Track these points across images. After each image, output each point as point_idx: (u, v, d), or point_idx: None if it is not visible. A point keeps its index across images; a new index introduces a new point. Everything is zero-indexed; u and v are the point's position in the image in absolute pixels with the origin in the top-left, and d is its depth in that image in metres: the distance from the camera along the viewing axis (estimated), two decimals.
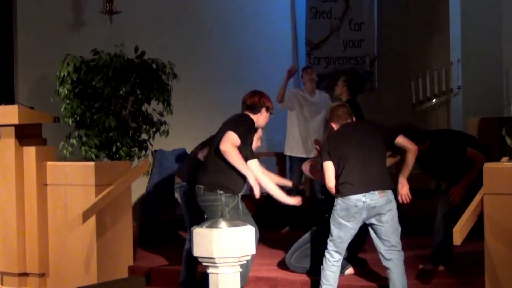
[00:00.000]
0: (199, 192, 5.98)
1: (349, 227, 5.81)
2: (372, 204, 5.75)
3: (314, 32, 11.90)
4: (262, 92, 6.20)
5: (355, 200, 5.75)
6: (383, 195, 5.76)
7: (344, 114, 6.18)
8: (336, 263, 5.89)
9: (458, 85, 11.06)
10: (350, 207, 5.76)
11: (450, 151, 6.51)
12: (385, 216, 5.78)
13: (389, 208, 5.80)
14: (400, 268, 5.81)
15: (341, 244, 5.87)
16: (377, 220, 5.79)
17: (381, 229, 5.80)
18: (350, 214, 5.77)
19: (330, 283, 5.90)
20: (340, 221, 5.81)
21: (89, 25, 9.03)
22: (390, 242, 5.80)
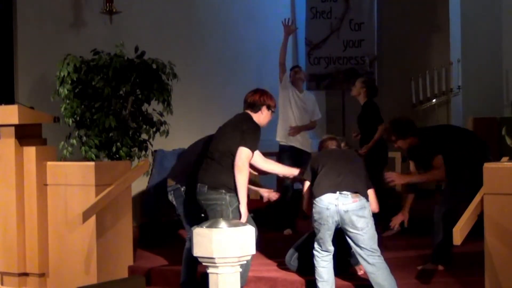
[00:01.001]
0: (202, 190, 5.98)
1: (325, 229, 5.87)
2: (344, 209, 5.76)
3: (314, 32, 11.90)
4: (263, 90, 6.20)
5: (327, 202, 5.79)
6: (356, 200, 5.78)
7: (331, 144, 6.35)
8: (325, 258, 5.95)
9: (458, 85, 11.07)
10: (322, 210, 5.81)
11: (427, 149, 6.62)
12: (359, 223, 5.78)
13: (362, 214, 5.80)
14: (383, 270, 5.81)
15: (324, 243, 5.93)
16: (351, 227, 5.79)
17: (357, 237, 5.81)
18: (323, 217, 5.83)
19: (324, 279, 5.93)
20: (318, 223, 5.88)
21: (89, 25, 9.03)
22: (367, 249, 5.81)
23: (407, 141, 6.68)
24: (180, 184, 6.58)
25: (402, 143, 6.73)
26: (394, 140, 6.76)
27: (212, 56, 10.61)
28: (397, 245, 7.55)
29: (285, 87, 8.81)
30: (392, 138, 6.78)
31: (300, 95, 8.90)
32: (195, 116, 10.02)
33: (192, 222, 6.37)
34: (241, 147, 5.89)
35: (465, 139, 6.71)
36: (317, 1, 11.91)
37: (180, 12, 10.21)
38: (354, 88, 8.73)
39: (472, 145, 6.61)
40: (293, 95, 8.80)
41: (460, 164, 6.48)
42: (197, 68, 10.24)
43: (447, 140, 6.66)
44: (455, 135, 6.81)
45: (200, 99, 10.23)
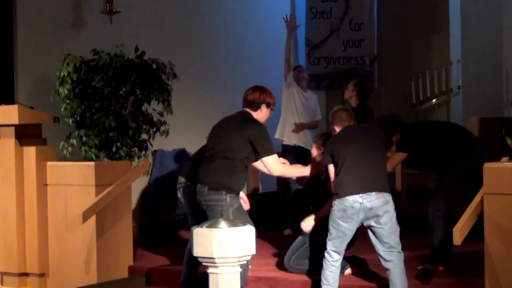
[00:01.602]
0: (202, 191, 5.96)
1: (347, 228, 5.82)
2: (369, 206, 5.75)
3: (314, 32, 11.90)
4: (263, 88, 6.17)
5: (352, 201, 5.75)
6: (380, 196, 5.77)
7: (347, 117, 6.20)
8: (335, 263, 5.89)
9: (458, 85, 11.06)
10: (347, 208, 5.77)
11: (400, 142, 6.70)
12: (383, 218, 5.78)
13: (386, 209, 5.79)
14: (400, 269, 5.81)
15: (340, 244, 5.88)
16: (375, 222, 5.79)
17: (380, 231, 5.80)
18: (347, 215, 5.78)
19: (330, 283, 5.90)
20: (338, 222, 5.82)
21: (89, 25, 9.03)
22: (389, 244, 5.81)
23: (395, 138, 6.71)
24: (191, 183, 6.55)
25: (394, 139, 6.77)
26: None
27: (212, 56, 10.61)
28: None
29: (290, 84, 8.83)
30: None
31: (304, 94, 8.93)
32: (195, 116, 10.02)
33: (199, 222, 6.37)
34: (265, 159, 5.95)
35: (448, 134, 6.70)
36: (317, 1, 11.90)
37: (180, 12, 10.21)
38: (347, 91, 8.75)
39: (458, 139, 6.61)
40: (298, 93, 8.83)
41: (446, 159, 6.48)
42: (197, 68, 10.24)
43: (432, 136, 6.67)
44: (438, 130, 6.81)
45: (200, 99, 10.23)
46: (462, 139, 6.63)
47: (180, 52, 9.75)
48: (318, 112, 9.07)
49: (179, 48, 9.93)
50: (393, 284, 5.80)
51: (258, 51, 11.29)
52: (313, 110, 8.99)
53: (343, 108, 6.39)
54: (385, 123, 6.73)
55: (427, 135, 6.69)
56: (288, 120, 8.85)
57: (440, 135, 6.69)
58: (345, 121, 6.17)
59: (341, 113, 6.24)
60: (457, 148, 6.51)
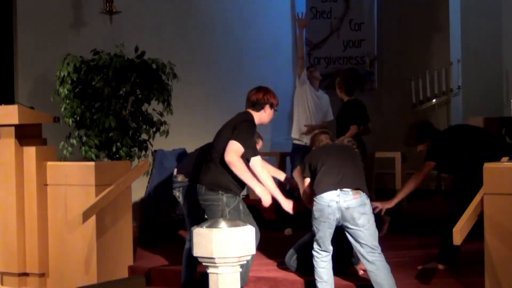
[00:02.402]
0: (200, 191, 5.98)
1: (325, 227, 5.86)
2: (345, 205, 5.76)
3: (314, 32, 11.90)
4: (267, 88, 6.17)
5: (328, 200, 5.78)
6: (357, 196, 5.79)
7: (325, 138, 6.34)
8: (324, 259, 5.94)
9: (458, 85, 11.06)
10: (323, 208, 5.80)
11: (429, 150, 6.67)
12: (360, 219, 5.78)
13: (363, 211, 5.80)
14: (383, 269, 5.80)
15: (323, 243, 5.92)
16: (352, 224, 5.79)
17: (357, 233, 5.81)
18: (324, 214, 5.82)
19: (324, 279, 5.93)
20: (318, 222, 5.87)
21: (89, 25, 9.03)
22: (368, 246, 5.81)
23: (426, 144, 6.75)
24: (191, 182, 6.54)
25: (422, 147, 6.81)
26: (414, 145, 6.84)
27: (212, 56, 10.61)
28: (397, 245, 7.55)
29: (303, 83, 8.84)
30: (412, 143, 6.86)
31: (317, 93, 8.94)
32: (195, 116, 10.02)
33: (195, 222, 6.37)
34: (231, 141, 5.81)
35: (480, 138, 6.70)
36: (317, 1, 11.91)
37: (180, 12, 10.21)
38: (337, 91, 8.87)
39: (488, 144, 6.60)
40: (310, 92, 8.84)
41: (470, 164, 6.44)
42: (197, 68, 10.24)
43: (457, 140, 6.67)
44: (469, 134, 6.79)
45: (200, 99, 10.23)
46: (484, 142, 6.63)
47: (180, 52, 9.75)
48: (329, 112, 9.07)
49: (179, 48, 9.93)
50: (379, 285, 5.79)
51: (258, 51, 11.29)
52: (324, 111, 9.00)
53: (323, 131, 6.52)
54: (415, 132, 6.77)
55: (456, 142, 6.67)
56: (301, 118, 8.85)
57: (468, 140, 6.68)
58: (323, 142, 6.32)
59: (319, 135, 6.40)
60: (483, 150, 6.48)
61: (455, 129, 7.27)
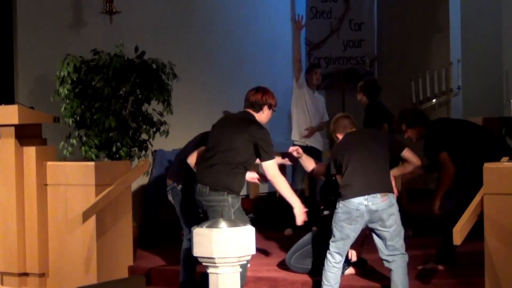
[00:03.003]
0: (203, 192, 5.94)
1: (351, 230, 5.81)
2: (374, 208, 5.74)
3: (314, 32, 11.90)
4: (265, 89, 6.16)
5: (357, 203, 5.74)
6: (385, 199, 5.76)
7: (349, 124, 6.25)
8: (337, 265, 5.88)
9: (458, 85, 11.07)
10: (351, 211, 5.76)
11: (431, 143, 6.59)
12: (388, 220, 5.77)
13: (391, 212, 5.79)
14: (402, 269, 5.80)
15: (343, 246, 5.87)
16: (380, 225, 5.77)
17: (385, 234, 5.79)
18: (351, 217, 5.77)
19: (331, 284, 5.89)
20: (341, 224, 5.80)
21: (89, 25, 9.03)
22: (393, 246, 5.79)
23: (416, 130, 6.67)
24: (176, 183, 6.58)
25: (412, 133, 6.72)
26: (404, 130, 6.76)
27: (212, 56, 10.61)
28: None
29: (301, 85, 8.83)
30: (402, 127, 6.78)
31: (314, 95, 8.94)
32: (195, 116, 10.02)
33: (190, 221, 6.38)
34: (264, 163, 5.91)
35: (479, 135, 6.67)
36: (317, 1, 11.91)
37: (180, 12, 10.21)
38: (357, 94, 8.86)
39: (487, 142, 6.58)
40: (308, 94, 8.84)
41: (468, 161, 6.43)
42: (197, 68, 10.24)
43: (456, 135, 6.62)
44: (467, 130, 6.75)
45: (200, 99, 10.23)
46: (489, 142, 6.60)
47: (180, 52, 9.75)
48: (325, 113, 9.08)
49: (179, 48, 9.93)
50: (394, 284, 5.80)
51: (258, 50, 11.29)
52: (321, 112, 9.01)
53: (345, 115, 6.42)
54: (408, 115, 6.74)
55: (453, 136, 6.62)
56: (300, 121, 8.84)
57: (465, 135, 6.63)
58: (347, 127, 6.23)
59: (342, 120, 6.30)
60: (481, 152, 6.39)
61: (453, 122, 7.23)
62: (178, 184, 6.56)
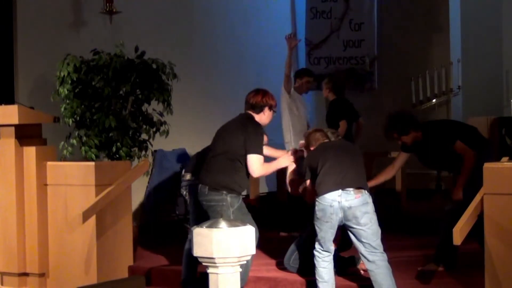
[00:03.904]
0: (203, 191, 5.98)
1: (328, 227, 5.86)
2: (347, 205, 5.76)
3: (314, 32, 11.90)
4: (265, 91, 6.19)
5: (330, 200, 5.78)
6: (359, 196, 5.79)
7: (321, 136, 6.28)
8: (326, 259, 5.94)
9: (458, 85, 11.06)
10: (325, 208, 5.80)
11: (440, 141, 6.47)
12: (362, 218, 5.78)
13: (366, 210, 5.80)
14: (384, 269, 5.80)
15: (325, 243, 5.92)
16: (354, 223, 5.80)
17: (360, 232, 5.81)
18: (326, 214, 5.82)
19: (325, 279, 5.92)
20: (320, 222, 5.87)
21: (89, 25, 9.03)
22: (370, 245, 5.81)
23: (410, 136, 6.47)
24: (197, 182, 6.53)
25: (406, 139, 6.50)
26: (397, 138, 6.54)
27: (212, 56, 10.61)
28: (397, 245, 7.55)
29: (293, 98, 8.82)
30: (394, 136, 6.54)
31: (302, 101, 8.95)
32: (195, 116, 10.02)
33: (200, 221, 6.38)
34: (249, 155, 5.91)
35: (470, 135, 6.65)
36: (317, 1, 11.91)
37: (180, 12, 10.21)
38: (323, 90, 9.00)
39: (477, 141, 6.56)
40: (299, 101, 8.83)
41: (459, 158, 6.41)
42: (197, 68, 10.24)
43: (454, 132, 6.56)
44: (460, 129, 6.69)
45: (200, 99, 10.23)
46: (476, 139, 6.58)
47: (180, 52, 9.75)
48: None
49: (179, 48, 9.93)
50: (378, 285, 5.79)
51: (258, 50, 11.29)
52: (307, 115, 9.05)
53: (316, 129, 6.47)
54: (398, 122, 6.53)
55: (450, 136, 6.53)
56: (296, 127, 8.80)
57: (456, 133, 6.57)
58: (319, 140, 6.26)
59: (314, 134, 6.35)
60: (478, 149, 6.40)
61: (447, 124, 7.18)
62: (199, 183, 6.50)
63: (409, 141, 6.54)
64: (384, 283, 5.78)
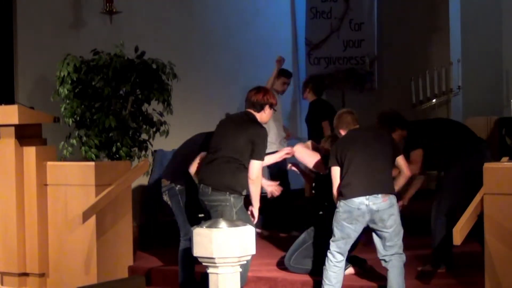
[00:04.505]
0: (206, 191, 5.97)
1: (352, 229, 5.81)
2: (375, 208, 5.73)
3: (314, 32, 11.90)
4: (266, 89, 6.22)
5: (358, 203, 5.74)
6: (386, 199, 5.76)
7: (352, 120, 6.22)
8: (338, 264, 5.88)
9: (458, 85, 11.06)
10: (352, 210, 5.75)
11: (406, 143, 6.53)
12: (388, 221, 5.77)
13: (392, 212, 5.78)
14: (397, 269, 5.80)
15: (344, 245, 5.87)
16: (381, 226, 5.77)
17: (385, 235, 5.79)
18: (352, 216, 5.76)
19: (332, 283, 5.88)
20: (342, 224, 5.80)
21: (89, 25, 9.03)
22: (392, 247, 5.80)
23: (397, 133, 6.51)
24: (174, 183, 6.56)
25: (394, 136, 6.48)
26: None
27: (212, 56, 10.60)
28: None
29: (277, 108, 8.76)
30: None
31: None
32: (195, 116, 10.02)
33: (187, 222, 6.39)
34: (253, 161, 5.95)
35: (455, 132, 6.64)
36: (317, 1, 11.91)
37: (180, 12, 10.21)
38: (303, 93, 8.93)
39: (464, 139, 6.56)
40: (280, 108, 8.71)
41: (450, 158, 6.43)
42: (197, 68, 10.24)
43: (435, 133, 6.58)
44: (445, 128, 6.71)
45: (200, 99, 10.23)
46: (467, 138, 6.58)
47: (180, 52, 9.75)
48: None
49: (179, 48, 9.93)
50: (389, 283, 5.80)
51: (258, 50, 11.28)
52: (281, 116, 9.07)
53: (348, 111, 6.37)
54: (384, 119, 6.64)
55: (432, 132, 6.61)
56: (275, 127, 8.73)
57: (444, 132, 6.61)
58: (351, 124, 6.19)
59: (346, 116, 6.26)
60: (461, 146, 6.43)
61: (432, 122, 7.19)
62: (176, 185, 6.54)
63: (397, 138, 6.59)
64: (395, 282, 5.77)
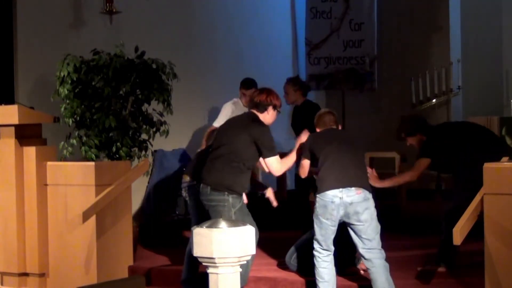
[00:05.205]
0: (205, 191, 5.99)
1: (328, 224, 5.86)
2: (349, 201, 5.77)
3: (314, 32, 11.90)
4: (270, 90, 6.20)
5: (331, 196, 5.79)
6: (360, 192, 5.81)
7: (330, 121, 6.25)
8: (326, 258, 5.93)
9: (458, 85, 11.06)
10: (327, 204, 5.81)
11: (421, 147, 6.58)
12: (363, 214, 5.80)
13: (366, 206, 5.82)
14: (380, 268, 5.81)
15: (325, 241, 5.92)
16: (355, 219, 5.81)
17: (359, 228, 5.83)
18: (327, 211, 5.82)
19: (325, 279, 5.91)
20: (320, 219, 5.87)
21: (89, 25, 9.03)
22: (370, 242, 5.82)
23: (416, 138, 6.61)
24: (195, 182, 6.53)
25: (412, 140, 6.67)
26: (404, 138, 6.73)
27: (212, 55, 10.60)
28: (397, 245, 7.55)
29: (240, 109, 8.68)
30: (402, 136, 6.75)
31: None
32: (195, 116, 10.02)
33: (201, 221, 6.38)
34: (267, 160, 6.00)
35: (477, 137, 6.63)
36: (317, 1, 11.91)
37: (180, 12, 10.21)
38: (289, 95, 8.37)
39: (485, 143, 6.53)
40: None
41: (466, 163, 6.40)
42: (197, 68, 10.24)
43: (452, 139, 6.56)
44: (465, 133, 6.67)
45: (200, 99, 10.23)
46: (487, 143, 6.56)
47: (180, 52, 9.75)
48: None
49: (179, 48, 9.93)
50: (374, 282, 5.81)
51: (259, 50, 11.29)
52: None
53: (329, 111, 6.41)
54: (406, 123, 6.69)
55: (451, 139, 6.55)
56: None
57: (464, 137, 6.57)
58: (327, 124, 6.24)
59: (325, 115, 6.30)
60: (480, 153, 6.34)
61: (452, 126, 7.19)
62: (198, 183, 6.50)
63: (415, 143, 6.66)
64: (379, 280, 5.78)
